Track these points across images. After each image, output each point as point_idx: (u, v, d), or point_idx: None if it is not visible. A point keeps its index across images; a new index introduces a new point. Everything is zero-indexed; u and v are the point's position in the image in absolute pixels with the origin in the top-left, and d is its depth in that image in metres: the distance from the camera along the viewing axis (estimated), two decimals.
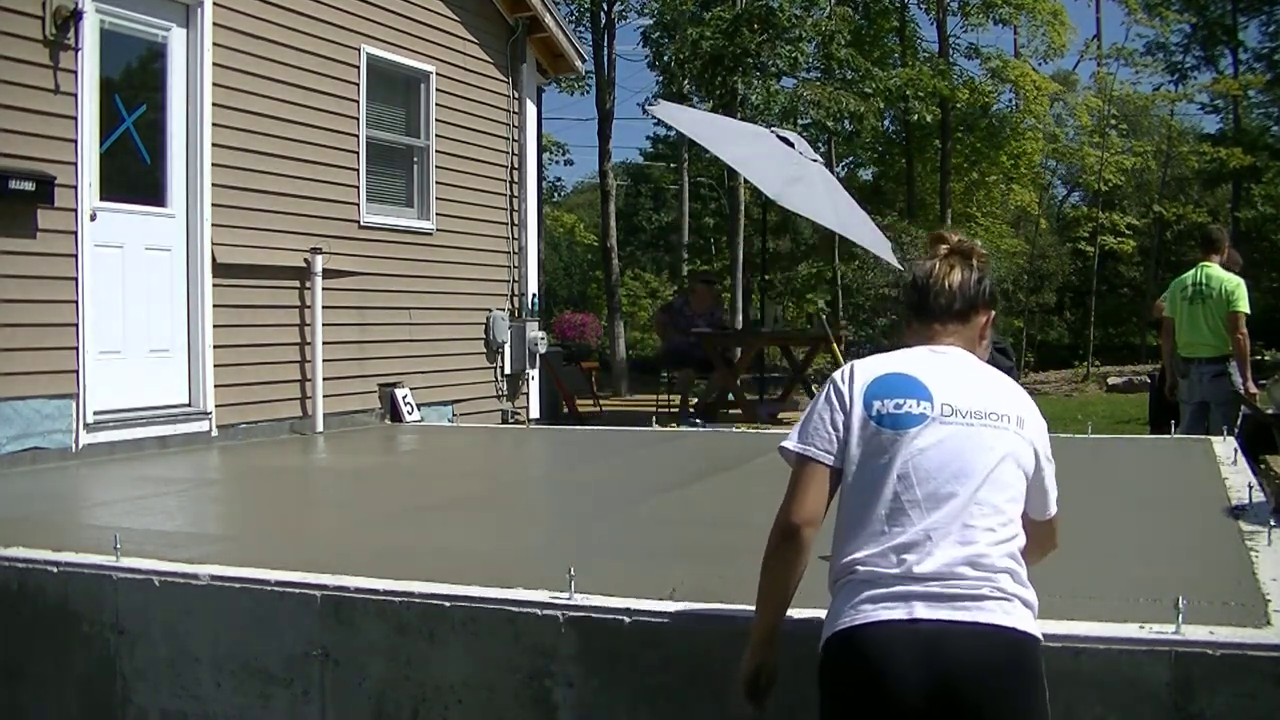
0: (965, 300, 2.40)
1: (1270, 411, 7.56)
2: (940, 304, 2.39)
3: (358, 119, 8.40)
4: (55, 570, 3.49)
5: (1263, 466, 4.82)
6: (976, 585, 2.10)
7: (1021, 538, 2.23)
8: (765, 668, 2.33)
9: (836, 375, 2.35)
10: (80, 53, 6.24)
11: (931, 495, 2.15)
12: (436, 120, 9.17)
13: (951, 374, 2.29)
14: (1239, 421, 7.34)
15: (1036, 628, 2.16)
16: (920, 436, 2.19)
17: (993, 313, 2.47)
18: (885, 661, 2.04)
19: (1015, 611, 2.12)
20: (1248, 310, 7.39)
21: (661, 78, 20.97)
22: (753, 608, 2.35)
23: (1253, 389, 7.45)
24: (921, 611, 2.06)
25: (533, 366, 10.14)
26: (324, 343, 7.89)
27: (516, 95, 10.12)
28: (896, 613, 2.07)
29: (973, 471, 2.17)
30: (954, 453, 2.18)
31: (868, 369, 2.31)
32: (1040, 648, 2.16)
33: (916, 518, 2.14)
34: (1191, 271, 7.67)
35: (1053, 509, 2.40)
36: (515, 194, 10.14)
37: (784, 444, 2.32)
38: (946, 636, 2.04)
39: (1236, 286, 7.39)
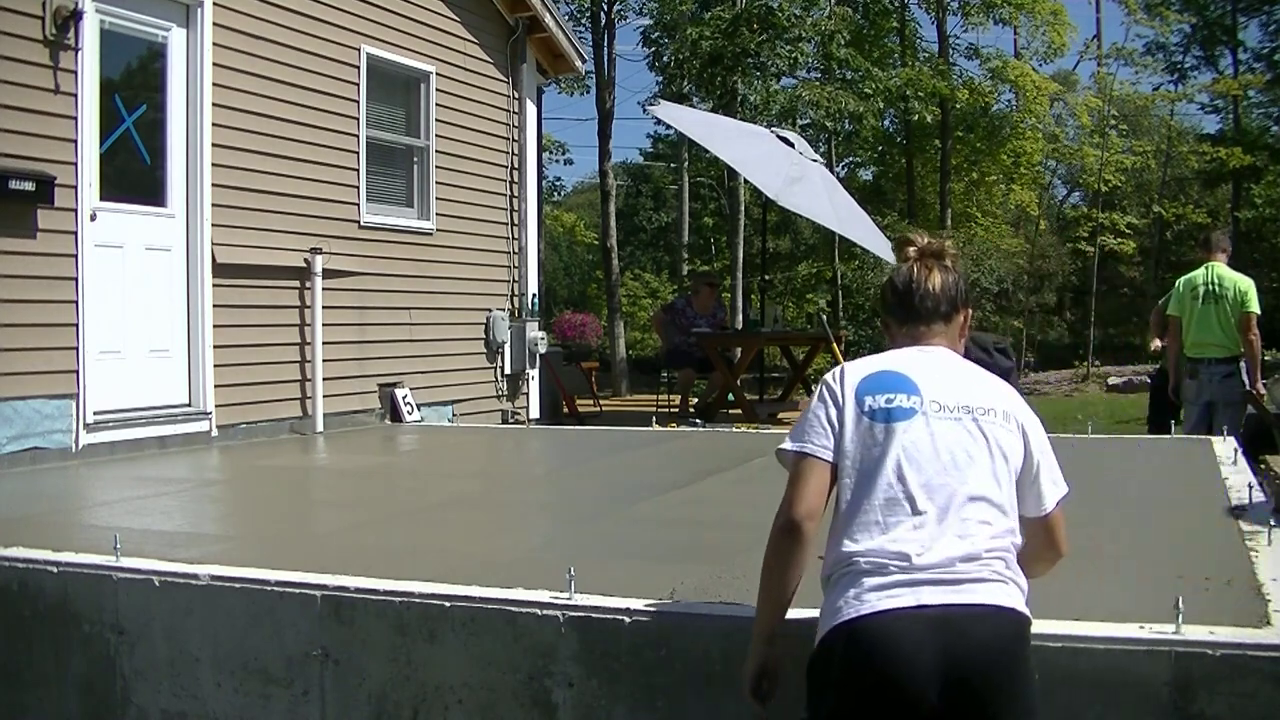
0: (949, 302, 2.48)
1: (1275, 411, 7.56)
2: (927, 307, 2.46)
3: (358, 119, 8.40)
4: (55, 570, 3.49)
5: (1263, 466, 4.82)
6: (976, 570, 2.16)
7: (1015, 532, 2.27)
8: (768, 666, 2.34)
9: (828, 375, 2.42)
10: (80, 53, 6.24)
11: (926, 486, 2.21)
12: (436, 120, 9.18)
13: (939, 370, 2.37)
14: (1244, 422, 7.34)
15: (1025, 605, 2.22)
16: (911, 430, 2.25)
17: (970, 310, 2.54)
18: (899, 648, 2.06)
19: (1013, 593, 2.19)
20: (1259, 311, 7.37)
21: (661, 78, 20.99)
22: (753, 607, 2.36)
23: (1261, 390, 7.43)
24: (927, 597, 2.11)
25: (533, 366, 10.14)
26: (324, 343, 7.89)
27: (516, 95, 10.12)
28: (904, 600, 2.10)
29: (963, 464, 2.24)
30: (944, 446, 2.24)
31: (858, 368, 2.39)
32: (1029, 624, 2.23)
33: (913, 509, 2.19)
34: (1201, 270, 7.57)
35: (1049, 504, 2.39)
36: (515, 194, 10.14)
37: (781, 446, 2.37)
38: (954, 619, 2.09)
39: (1249, 287, 7.35)
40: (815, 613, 2.27)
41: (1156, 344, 8.57)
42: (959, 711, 2.05)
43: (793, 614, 2.35)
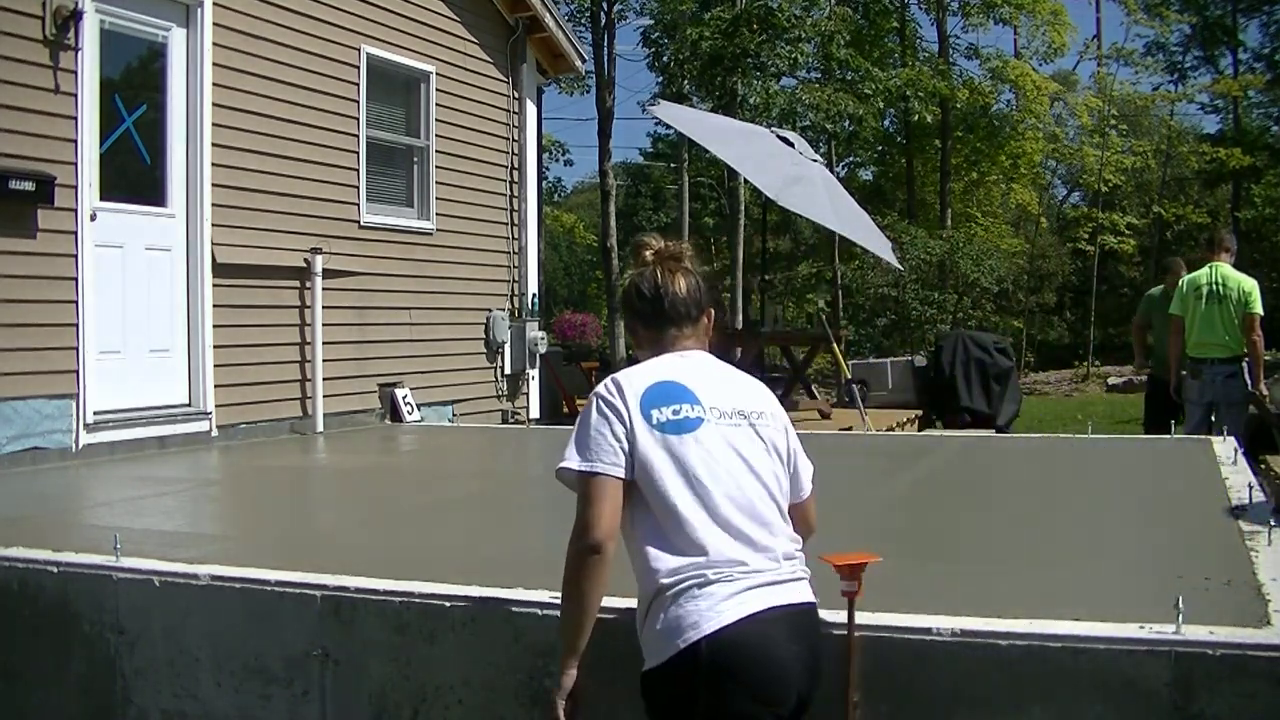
0: (695, 305, 2.51)
1: (1276, 412, 7.56)
2: (678, 311, 2.48)
3: (358, 119, 8.40)
4: (55, 570, 3.48)
5: (1263, 466, 4.82)
6: (793, 569, 2.29)
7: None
8: (578, 687, 2.36)
9: (602, 390, 2.38)
10: (80, 53, 6.23)
11: (728, 495, 2.26)
12: (436, 120, 9.17)
13: (708, 377, 2.42)
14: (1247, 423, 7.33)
15: None
16: (703, 439, 2.29)
17: (711, 309, 2.57)
18: (773, 650, 2.15)
19: (811, 587, 2.34)
20: (1262, 312, 7.35)
21: (661, 78, 21.01)
22: None
23: (1264, 390, 7.42)
24: (775, 599, 2.19)
25: (533, 366, 10.14)
26: (324, 343, 7.89)
27: (516, 95, 10.12)
28: (757, 604, 2.17)
29: (755, 468, 2.32)
30: (735, 452, 2.31)
31: (634, 380, 2.37)
32: None
33: (723, 517, 2.24)
34: (1204, 270, 7.53)
35: (808, 488, 2.53)
36: (515, 194, 10.14)
37: (564, 464, 2.30)
38: (798, 617, 2.22)
39: (1253, 288, 7.33)
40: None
41: (1140, 368, 8.63)
42: (802, 708, 2.19)
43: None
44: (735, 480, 2.27)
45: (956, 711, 2.58)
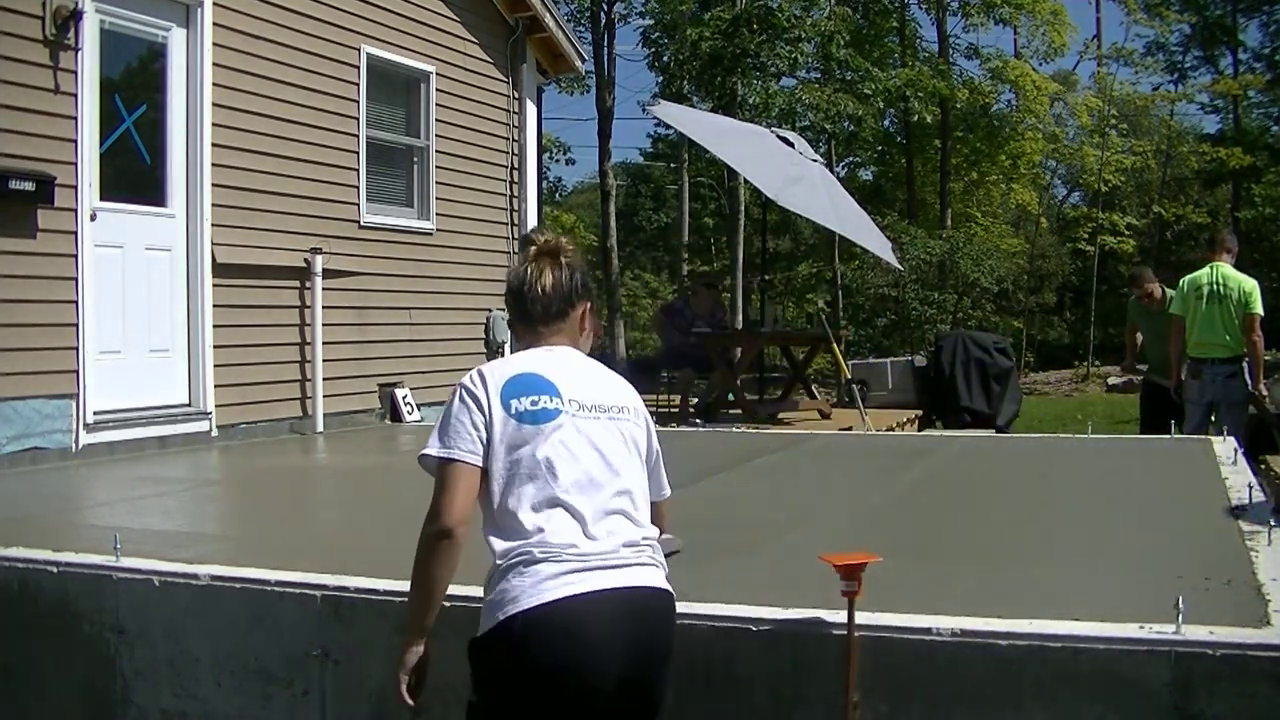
0: (561, 300, 2.54)
1: (1276, 412, 7.56)
2: (539, 309, 2.53)
3: (358, 119, 8.40)
4: (55, 570, 3.48)
5: (1263, 466, 4.82)
6: (635, 555, 2.32)
7: (649, 520, 2.45)
8: (425, 659, 2.46)
9: (466, 380, 2.45)
10: (80, 53, 6.24)
11: (578, 483, 2.32)
12: (436, 120, 9.18)
13: (571, 371, 2.47)
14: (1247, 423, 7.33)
15: None
16: (559, 430, 2.35)
17: (589, 303, 2.60)
18: (587, 632, 2.17)
19: (664, 576, 2.38)
20: (1263, 313, 7.36)
21: (661, 78, 21.01)
22: (752, 607, 2.37)
23: (1264, 390, 7.42)
24: (603, 582, 2.23)
25: None
26: (324, 343, 7.90)
27: (516, 95, 10.12)
28: (583, 586, 2.21)
29: (609, 460, 2.37)
30: (590, 444, 2.37)
31: (496, 372, 2.44)
32: None
33: (570, 504, 2.30)
34: (1205, 270, 7.55)
35: (666, 491, 2.64)
36: (515, 194, 10.13)
37: (424, 451, 2.39)
38: (631, 601, 2.24)
39: (1253, 288, 7.34)
40: (807, 614, 2.26)
41: (1126, 369, 8.66)
42: (635, 691, 2.21)
43: (788, 618, 2.35)
44: (585, 469, 2.33)
45: (956, 711, 2.58)
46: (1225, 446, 5.70)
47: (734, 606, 2.82)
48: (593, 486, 2.33)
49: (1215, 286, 7.42)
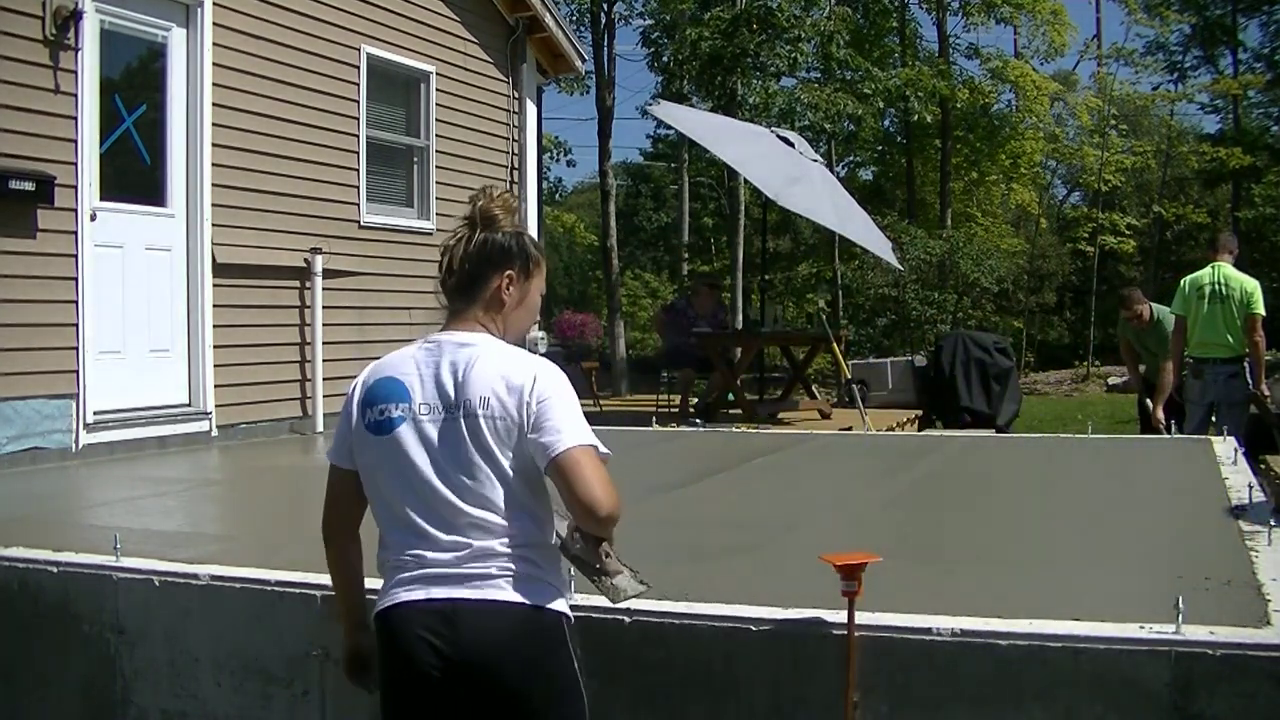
0: (466, 272, 2.32)
1: (1277, 413, 7.56)
2: (450, 285, 2.35)
3: (358, 119, 8.40)
4: (55, 570, 3.49)
5: (1263, 466, 4.82)
6: (483, 567, 2.23)
7: (533, 526, 2.29)
8: (361, 649, 2.49)
9: (352, 385, 2.44)
10: (80, 53, 6.24)
11: (421, 492, 2.26)
12: (436, 120, 9.17)
13: (433, 370, 2.30)
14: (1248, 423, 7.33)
15: (555, 601, 2.28)
16: (401, 439, 2.28)
17: (510, 271, 2.34)
18: (404, 635, 2.24)
19: (527, 589, 2.24)
20: (1264, 313, 7.36)
21: (661, 78, 21.00)
22: (753, 607, 2.37)
23: (1265, 390, 7.42)
24: (436, 592, 2.23)
25: None
26: (324, 343, 7.89)
27: (516, 95, 10.12)
28: (415, 594, 2.24)
29: (457, 464, 2.25)
30: (434, 452, 2.26)
31: (366, 377, 2.41)
32: (562, 618, 2.30)
33: (418, 513, 2.26)
34: (1207, 270, 7.53)
35: (561, 445, 2.21)
36: (515, 194, 10.13)
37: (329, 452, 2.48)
38: (459, 613, 2.21)
39: (1255, 289, 7.34)
40: (805, 614, 2.26)
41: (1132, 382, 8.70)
42: (467, 697, 2.20)
43: (785, 618, 2.34)
44: (421, 478, 2.25)
45: (956, 711, 2.58)
46: (1225, 446, 5.71)
47: (734, 606, 2.82)
48: (438, 495, 2.24)
49: (1217, 287, 7.42)
